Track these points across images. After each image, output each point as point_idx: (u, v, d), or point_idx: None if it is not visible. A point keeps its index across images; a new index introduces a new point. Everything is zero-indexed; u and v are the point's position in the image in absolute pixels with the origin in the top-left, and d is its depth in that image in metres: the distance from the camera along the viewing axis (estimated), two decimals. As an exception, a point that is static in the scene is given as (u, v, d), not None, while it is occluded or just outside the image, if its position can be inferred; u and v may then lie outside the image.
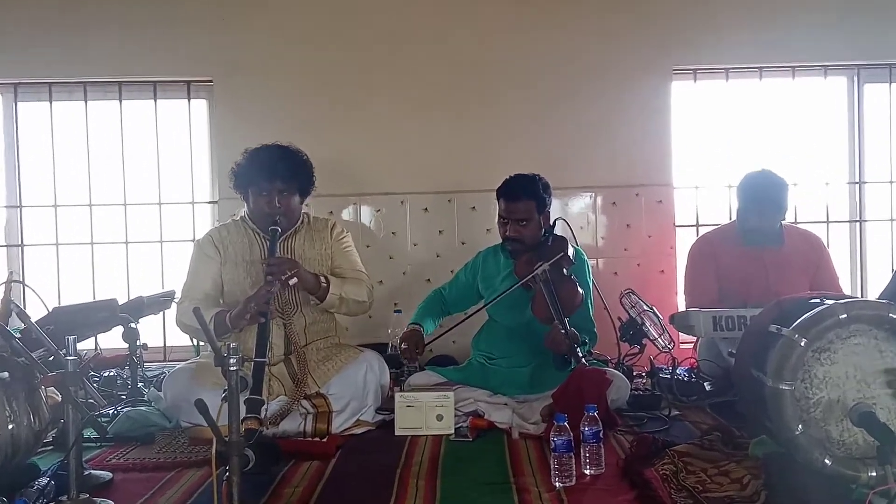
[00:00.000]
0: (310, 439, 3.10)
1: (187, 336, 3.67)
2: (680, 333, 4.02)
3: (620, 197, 4.69)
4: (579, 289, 3.41)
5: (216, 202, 4.76)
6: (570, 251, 3.50)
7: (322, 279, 3.30)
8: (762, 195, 3.82)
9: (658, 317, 3.80)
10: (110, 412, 3.46)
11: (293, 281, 3.18)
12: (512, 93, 4.69)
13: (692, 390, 3.62)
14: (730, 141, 4.83)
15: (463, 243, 4.68)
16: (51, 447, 3.00)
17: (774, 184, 3.85)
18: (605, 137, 4.68)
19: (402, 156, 4.70)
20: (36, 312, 3.45)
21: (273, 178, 3.30)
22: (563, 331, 3.22)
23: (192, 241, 4.71)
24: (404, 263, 4.72)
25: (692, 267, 4.04)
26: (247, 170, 3.36)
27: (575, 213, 4.66)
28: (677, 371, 3.72)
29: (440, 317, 3.78)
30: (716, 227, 4.19)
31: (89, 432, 2.95)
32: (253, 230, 3.44)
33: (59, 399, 2.92)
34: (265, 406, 2.91)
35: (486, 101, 4.70)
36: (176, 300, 4.15)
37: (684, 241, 4.60)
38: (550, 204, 3.63)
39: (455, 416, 3.20)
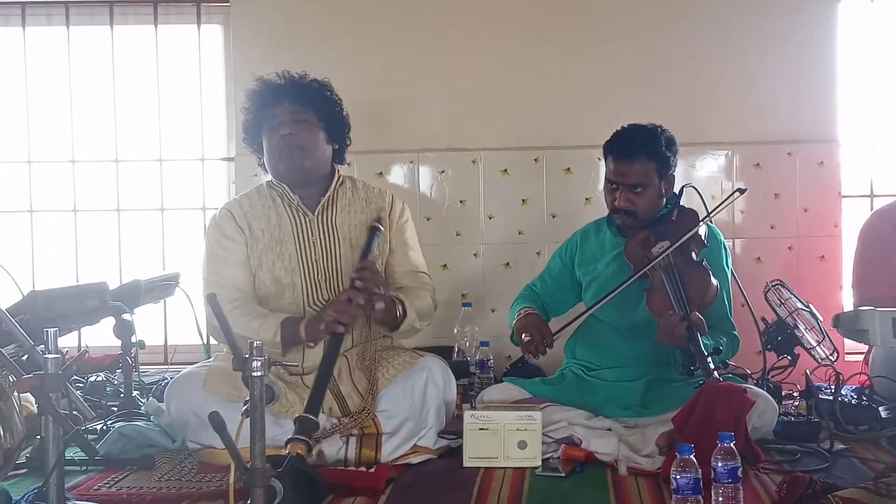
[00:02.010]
0: (352, 469, 3.12)
1: (200, 333, 3.74)
2: (846, 340, 3.95)
3: (767, 157, 4.62)
4: (713, 279, 3.36)
5: (233, 159, 4.82)
6: (703, 229, 3.45)
7: (398, 311, 3.33)
8: None
9: (817, 318, 3.74)
10: (99, 427, 3.53)
11: (379, 305, 3.22)
12: (622, 16, 4.64)
13: (863, 417, 3.54)
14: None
15: (554, 216, 4.66)
16: (24, 470, 3.08)
17: None
18: (747, 78, 4.60)
19: (474, 100, 4.69)
20: (6, 297, 3.54)
21: (279, 99, 3.36)
22: (681, 318, 3.19)
23: (202, 208, 4.80)
24: (476, 242, 4.73)
25: (865, 252, 3.97)
26: (251, 107, 3.42)
27: (704, 178, 4.60)
28: (842, 391, 3.65)
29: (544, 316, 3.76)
30: (897, 198, 4.11)
31: (73, 452, 3.02)
32: (282, 198, 3.46)
33: (36, 409, 3.00)
34: (319, 431, 2.97)
35: (588, 27, 4.66)
36: (181, 285, 4.23)
37: (853, 218, 4.50)
38: (676, 165, 3.59)
39: (543, 443, 3.19)
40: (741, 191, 3.51)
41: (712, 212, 3.44)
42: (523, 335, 3.48)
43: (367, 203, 3.53)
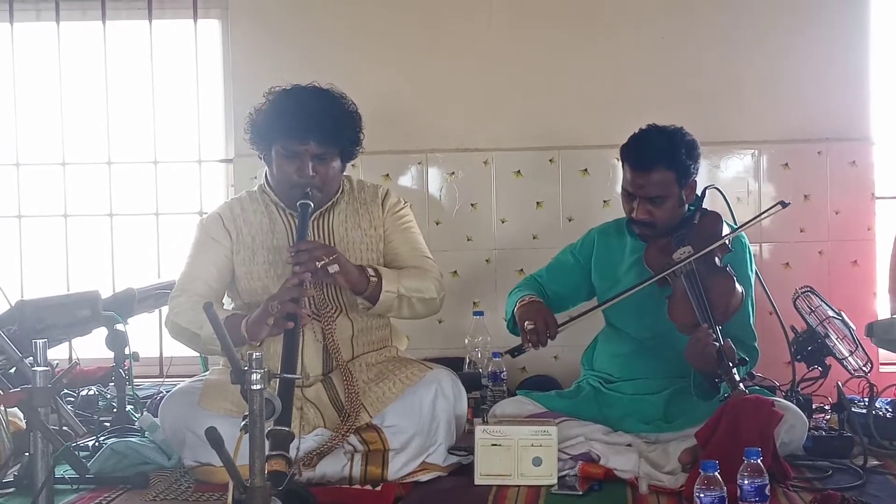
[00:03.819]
0: (358, 487, 3.12)
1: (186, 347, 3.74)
2: (881, 350, 3.94)
3: (795, 156, 4.61)
4: (738, 286, 3.36)
5: (231, 161, 4.83)
6: (727, 233, 3.44)
7: (370, 272, 3.32)
8: None
9: (849, 327, 3.72)
10: (91, 444, 3.54)
11: (334, 268, 3.20)
12: (641, 9, 4.64)
13: (898, 432, 3.56)
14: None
15: (570, 220, 4.66)
16: (12, 489, 3.07)
17: None
18: (774, 72, 4.59)
19: (486, 98, 4.69)
20: (-8, 307, 3.56)
21: (306, 137, 3.30)
22: (714, 338, 3.18)
23: (199, 213, 4.80)
24: (488, 247, 4.72)
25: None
26: (270, 122, 3.37)
27: (729, 179, 4.59)
28: (877, 404, 3.64)
29: None
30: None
31: (64, 470, 3.03)
32: (276, 205, 3.47)
33: (24, 425, 3.02)
34: (297, 442, 2.94)
35: (606, 21, 4.66)
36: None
37: (888, 220, 4.49)
38: (697, 171, 3.57)
39: (559, 459, 3.20)
40: (784, 204, 3.46)
41: (748, 223, 3.40)
42: (526, 322, 3.44)
43: (364, 203, 3.54)
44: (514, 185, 4.70)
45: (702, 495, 2.53)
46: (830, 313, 3.77)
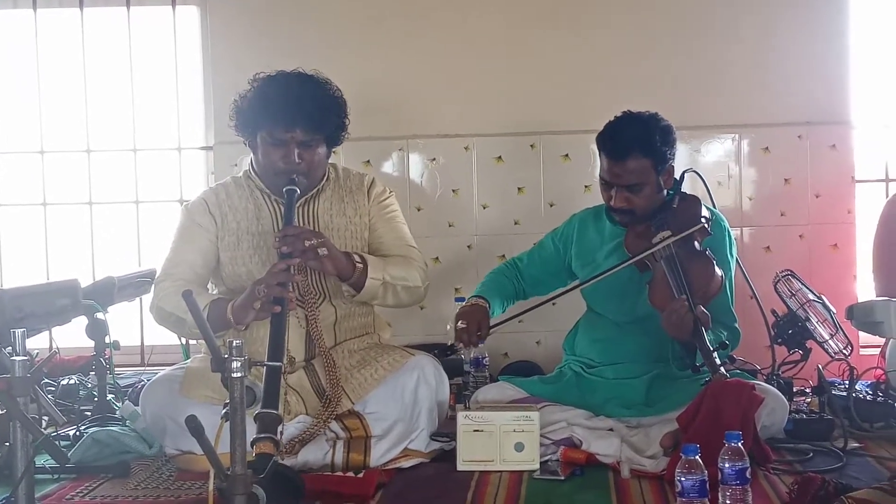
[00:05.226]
0: (340, 474, 3.11)
1: (172, 332, 3.74)
2: (861, 333, 3.96)
3: (776, 140, 4.62)
4: (717, 269, 3.37)
5: (211, 148, 4.82)
6: (706, 216, 3.45)
7: (356, 259, 3.32)
8: None
9: (830, 310, 3.74)
10: (71, 433, 3.53)
11: (323, 251, 3.19)
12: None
13: (878, 414, 3.56)
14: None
15: (551, 205, 4.66)
16: (-8, 479, 3.08)
17: None
18: (755, 56, 4.61)
19: (467, 83, 4.69)
20: (-30, 297, 3.53)
21: (292, 124, 3.30)
22: (688, 308, 3.19)
23: (179, 201, 4.79)
24: (469, 233, 4.73)
25: (884, 238, 3.98)
26: (255, 109, 3.37)
27: (710, 163, 4.60)
28: (857, 386, 3.66)
29: (512, 299, 3.75)
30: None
31: (44, 460, 3.02)
32: (261, 191, 3.47)
33: (3, 414, 3.01)
34: (282, 425, 2.95)
35: (586, 7, 4.66)
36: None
37: (868, 203, 4.50)
38: (674, 156, 3.55)
39: (541, 445, 3.20)
40: (707, 220, 3.44)
41: (693, 230, 3.38)
42: (459, 322, 3.47)
43: (349, 191, 3.54)
44: (496, 171, 4.70)
45: (683, 479, 2.54)
46: (811, 296, 3.78)
